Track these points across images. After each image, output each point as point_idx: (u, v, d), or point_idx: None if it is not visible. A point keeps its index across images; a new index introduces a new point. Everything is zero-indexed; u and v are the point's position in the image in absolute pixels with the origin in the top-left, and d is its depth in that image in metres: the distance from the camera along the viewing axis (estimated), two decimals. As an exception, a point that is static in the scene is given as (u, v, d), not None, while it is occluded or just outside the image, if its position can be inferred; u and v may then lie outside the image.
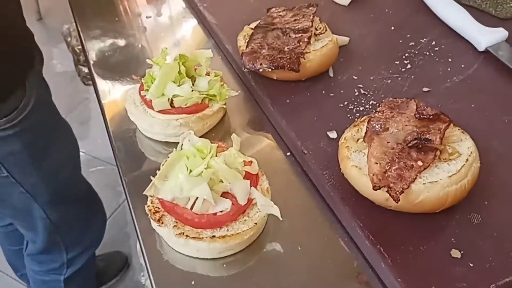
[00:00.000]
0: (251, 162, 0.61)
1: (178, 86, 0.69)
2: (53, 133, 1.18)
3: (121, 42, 0.98)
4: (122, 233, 1.92)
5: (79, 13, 1.08)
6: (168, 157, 0.60)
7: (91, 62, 0.93)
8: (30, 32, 1.05)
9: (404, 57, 0.84)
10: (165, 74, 0.69)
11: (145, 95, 0.71)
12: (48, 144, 1.14)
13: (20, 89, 1.00)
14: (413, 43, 0.87)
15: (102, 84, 0.87)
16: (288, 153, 0.71)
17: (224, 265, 0.58)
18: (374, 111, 0.65)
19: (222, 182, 0.58)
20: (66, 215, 1.24)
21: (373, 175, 0.55)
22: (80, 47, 2.06)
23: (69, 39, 2.02)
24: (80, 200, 1.33)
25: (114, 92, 0.85)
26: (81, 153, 2.23)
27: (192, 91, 0.70)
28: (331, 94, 0.77)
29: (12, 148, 1.03)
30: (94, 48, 0.97)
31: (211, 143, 0.61)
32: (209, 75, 0.74)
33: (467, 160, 0.58)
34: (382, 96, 0.76)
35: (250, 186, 0.59)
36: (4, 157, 1.03)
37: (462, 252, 0.54)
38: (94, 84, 0.87)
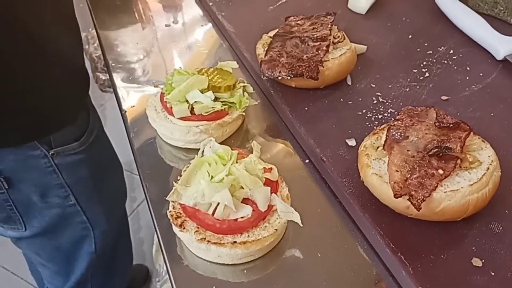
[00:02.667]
0: (271, 169, 0.62)
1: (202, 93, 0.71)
2: (112, 162, 1.21)
3: (140, 50, 1.00)
4: (136, 238, 1.93)
5: (99, 21, 1.10)
6: (190, 163, 0.61)
7: (112, 70, 0.95)
8: (83, 56, 1.04)
9: (422, 65, 0.84)
10: (191, 84, 0.71)
11: (166, 101, 0.72)
12: (109, 172, 1.16)
13: (83, 111, 1.01)
14: (431, 52, 0.87)
15: (123, 91, 0.88)
16: (307, 160, 0.72)
17: (245, 271, 0.58)
18: (392, 119, 0.66)
19: (243, 188, 0.59)
20: (110, 251, 1.22)
21: (394, 183, 0.55)
22: (98, 54, 2.09)
23: (87, 46, 2.05)
24: (122, 236, 1.32)
25: (134, 99, 0.86)
26: (95, 159, 2.26)
27: (214, 100, 0.71)
28: (350, 102, 0.77)
29: (81, 174, 1.02)
30: (114, 55, 0.99)
31: (231, 150, 0.61)
32: (235, 85, 0.75)
33: (488, 168, 0.58)
34: (401, 104, 0.76)
35: (271, 193, 0.59)
36: (73, 184, 1.01)
37: (483, 261, 0.54)
38: (115, 91, 0.89)
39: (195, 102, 0.70)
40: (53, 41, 0.86)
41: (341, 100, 0.78)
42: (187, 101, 0.71)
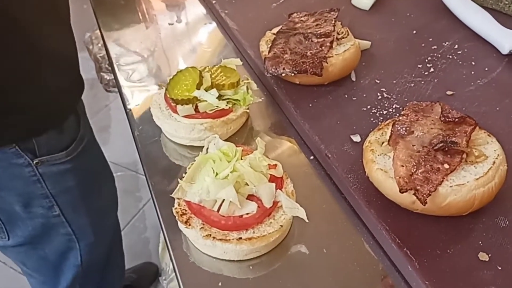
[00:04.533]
0: (275, 165, 0.62)
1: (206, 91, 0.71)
2: (101, 172, 1.18)
3: (144, 49, 1.00)
4: (141, 238, 1.95)
5: (103, 21, 1.10)
6: (194, 161, 0.61)
7: (116, 69, 0.95)
8: (78, 59, 1.00)
9: (426, 60, 0.84)
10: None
11: (171, 98, 0.72)
12: (97, 182, 1.12)
13: (73, 117, 0.97)
14: (435, 47, 0.87)
15: (127, 90, 0.88)
16: (312, 157, 0.72)
17: (250, 267, 0.59)
18: (397, 114, 0.66)
19: (248, 185, 0.59)
20: (99, 263, 1.18)
21: (400, 178, 0.55)
22: (102, 54, 2.10)
23: (91, 46, 2.06)
24: (113, 248, 1.27)
25: (139, 98, 0.86)
26: (101, 159, 2.27)
27: (218, 98, 0.71)
28: (354, 98, 0.77)
29: (67, 185, 0.98)
30: (118, 55, 0.99)
31: (236, 146, 0.62)
32: (239, 83, 0.75)
33: (494, 162, 0.57)
34: (406, 99, 0.76)
35: (275, 189, 0.59)
36: (58, 194, 0.96)
37: (490, 255, 0.54)
38: (120, 90, 0.89)
39: (199, 100, 0.71)
40: (45, 40, 0.84)
41: (345, 96, 0.78)
42: (192, 98, 0.71)
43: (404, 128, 0.61)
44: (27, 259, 1.08)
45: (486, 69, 0.81)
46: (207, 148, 0.63)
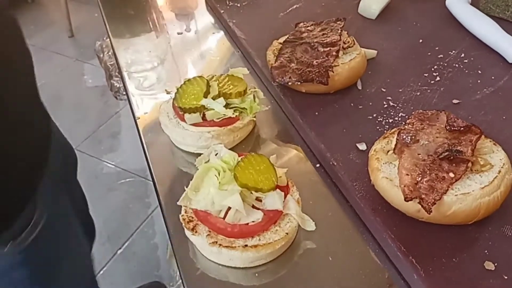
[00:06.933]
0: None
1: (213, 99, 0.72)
2: (65, 252, 0.97)
3: (153, 57, 1.01)
4: (150, 244, 1.95)
5: (113, 30, 1.12)
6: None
7: (125, 77, 0.96)
8: (46, 117, 0.81)
9: (433, 69, 0.84)
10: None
11: (178, 106, 0.73)
12: (57, 268, 0.93)
13: (28, 207, 0.78)
14: (442, 56, 0.87)
15: (137, 98, 0.90)
16: (318, 165, 0.72)
17: (256, 274, 0.59)
18: (403, 123, 0.66)
19: (252, 194, 0.59)
20: None
21: (405, 186, 0.55)
22: (112, 62, 2.12)
23: (101, 55, 2.08)
24: None
25: (147, 106, 0.88)
26: (110, 166, 2.30)
27: (225, 106, 0.72)
28: (360, 107, 0.78)
29: (17, 278, 0.82)
30: (128, 63, 1.00)
31: (238, 155, 0.62)
32: (246, 91, 0.76)
33: (499, 171, 0.57)
34: (411, 108, 0.76)
35: (284, 197, 0.60)
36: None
37: (496, 264, 0.54)
38: (129, 98, 0.90)
39: (207, 108, 0.72)
40: None
41: (351, 104, 0.78)
42: (199, 107, 0.72)
43: (409, 137, 0.61)
44: None
45: (493, 77, 0.82)
46: (209, 157, 0.64)
